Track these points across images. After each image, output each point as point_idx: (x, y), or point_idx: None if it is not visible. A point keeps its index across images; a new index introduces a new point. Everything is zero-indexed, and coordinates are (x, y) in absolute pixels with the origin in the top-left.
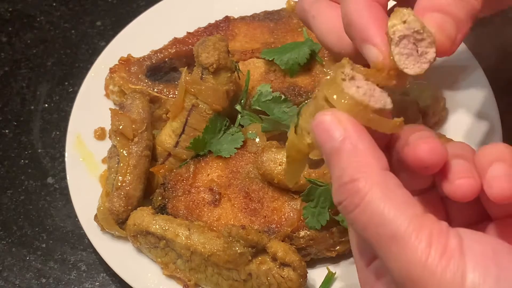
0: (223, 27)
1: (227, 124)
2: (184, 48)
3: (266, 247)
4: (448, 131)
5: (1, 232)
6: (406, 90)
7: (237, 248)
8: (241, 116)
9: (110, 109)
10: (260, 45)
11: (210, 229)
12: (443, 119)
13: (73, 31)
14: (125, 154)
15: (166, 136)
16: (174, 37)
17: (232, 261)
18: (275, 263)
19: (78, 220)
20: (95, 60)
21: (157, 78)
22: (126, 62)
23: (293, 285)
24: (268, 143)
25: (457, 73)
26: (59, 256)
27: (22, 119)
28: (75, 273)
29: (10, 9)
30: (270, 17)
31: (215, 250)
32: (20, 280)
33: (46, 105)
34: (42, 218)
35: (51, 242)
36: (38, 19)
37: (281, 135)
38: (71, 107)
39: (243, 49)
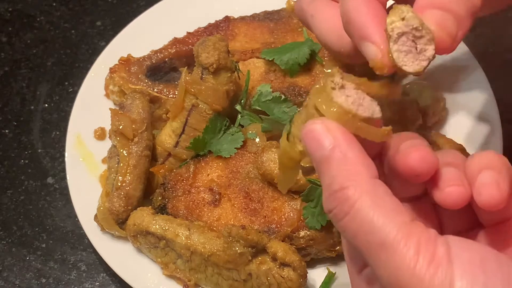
0: (223, 27)
1: (227, 124)
2: (184, 48)
3: (266, 247)
4: (448, 131)
5: (1, 232)
6: (406, 90)
7: (237, 248)
8: (241, 116)
9: (110, 109)
10: (260, 45)
11: (210, 229)
12: (443, 119)
13: (73, 31)
14: (125, 154)
15: (166, 136)
16: (174, 37)
17: (232, 261)
18: (275, 263)
19: (78, 220)
20: (95, 60)
21: (157, 78)
22: (126, 62)
23: (293, 285)
24: (268, 143)
25: (457, 73)
26: (59, 256)
27: (22, 119)
28: (75, 273)
29: (10, 9)
30: (270, 17)
31: (215, 250)
32: (20, 280)
33: (46, 105)
34: (42, 218)
35: (51, 242)
36: (38, 19)
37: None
38: (71, 107)
39: (243, 49)
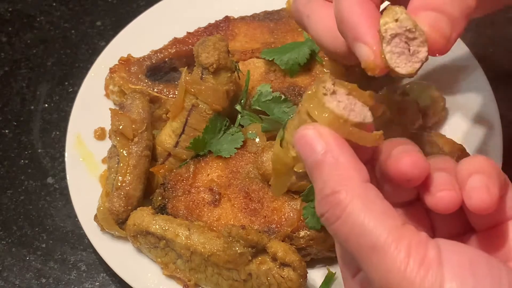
0: (223, 27)
1: (227, 124)
2: (184, 48)
3: (266, 247)
4: (448, 131)
5: (1, 232)
6: (406, 90)
7: (237, 248)
8: (241, 116)
9: (110, 109)
10: (260, 45)
11: (210, 229)
12: (443, 119)
13: (73, 31)
14: (125, 154)
15: (166, 136)
16: (174, 37)
17: (232, 261)
18: (275, 263)
19: (78, 220)
20: (95, 60)
21: (157, 78)
22: (126, 62)
23: (293, 285)
24: (268, 143)
25: (457, 73)
26: (59, 256)
27: (22, 119)
28: (75, 273)
29: (10, 9)
30: (270, 17)
31: (215, 250)
32: (20, 280)
33: (46, 105)
34: (42, 218)
35: (51, 242)
36: (38, 19)
37: None
38: (71, 107)
39: (243, 49)
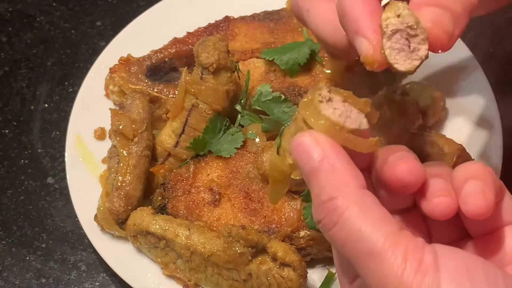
0: (223, 27)
1: (227, 124)
2: (184, 48)
3: (266, 247)
4: (448, 131)
5: (1, 232)
6: (406, 90)
7: (237, 248)
8: (241, 116)
9: (110, 109)
10: (260, 45)
11: (210, 229)
12: (443, 119)
13: (73, 31)
14: (125, 154)
15: (166, 136)
16: (174, 37)
17: (232, 261)
18: (275, 263)
19: (78, 220)
20: (95, 60)
21: (157, 78)
22: (126, 62)
23: (293, 285)
24: (268, 143)
25: (457, 73)
26: (59, 256)
27: (22, 119)
28: (75, 273)
29: (10, 9)
30: (270, 17)
31: (215, 250)
32: (20, 280)
33: (46, 105)
34: (42, 218)
35: (51, 242)
36: (38, 19)
37: None
38: (71, 107)
39: (243, 49)
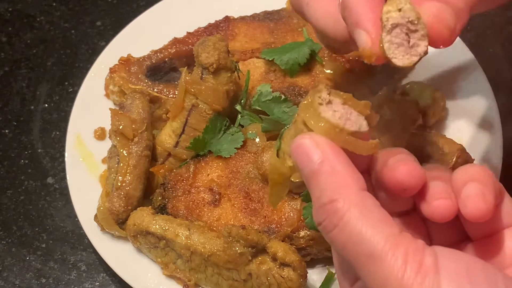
0: (223, 27)
1: (227, 124)
2: (184, 48)
3: (266, 247)
4: (448, 131)
5: (1, 232)
6: (406, 90)
7: (237, 248)
8: (241, 116)
9: (110, 109)
10: (260, 45)
11: (210, 229)
12: (443, 119)
13: (73, 31)
14: (125, 154)
15: (166, 136)
16: (174, 37)
17: (232, 261)
18: (275, 263)
19: (78, 220)
20: (95, 60)
21: (157, 78)
22: (126, 62)
23: (293, 285)
24: (268, 143)
25: (457, 73)
26: (59, 256)
27: (22, 119)
28: (75, 273)
29: (10, 9)
30: (270, 17)
31: (215, 250)
32: (20, 280)
33: (46, 105)
34: (42, 218)
35: (51, 242)
36: (38, 19)
37: None
38: (71, 107)
39: (243, 49)
